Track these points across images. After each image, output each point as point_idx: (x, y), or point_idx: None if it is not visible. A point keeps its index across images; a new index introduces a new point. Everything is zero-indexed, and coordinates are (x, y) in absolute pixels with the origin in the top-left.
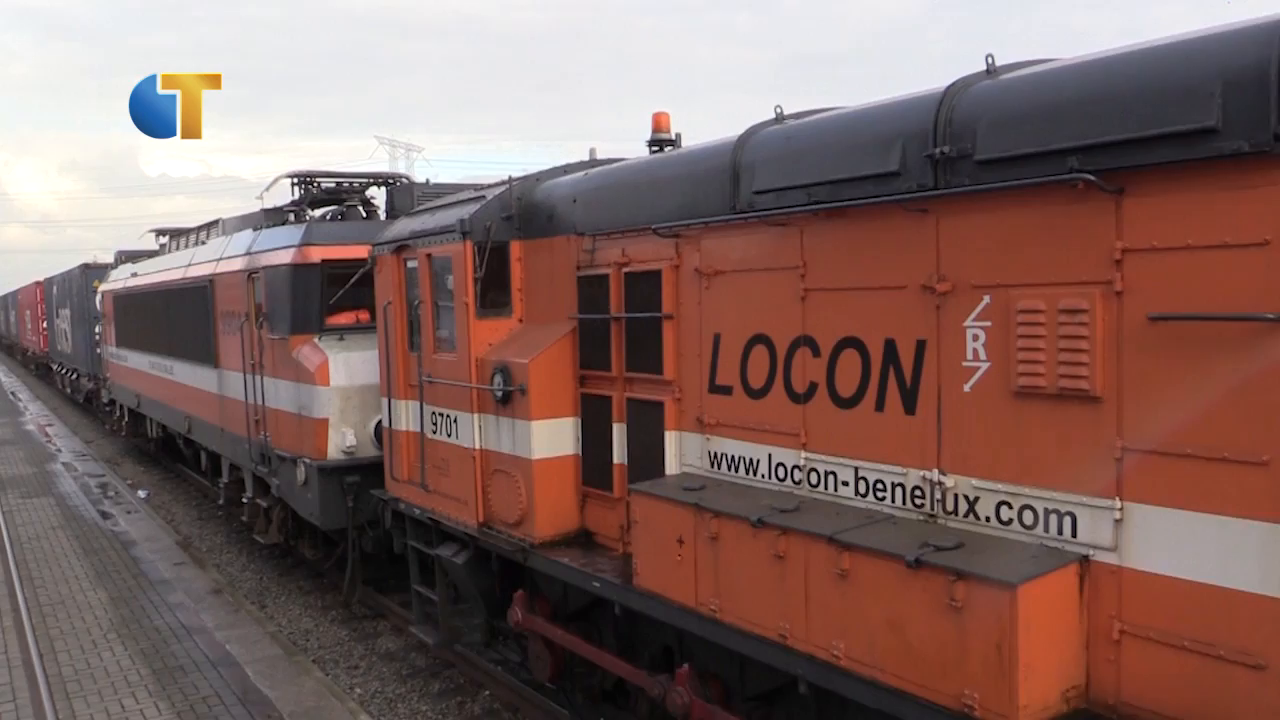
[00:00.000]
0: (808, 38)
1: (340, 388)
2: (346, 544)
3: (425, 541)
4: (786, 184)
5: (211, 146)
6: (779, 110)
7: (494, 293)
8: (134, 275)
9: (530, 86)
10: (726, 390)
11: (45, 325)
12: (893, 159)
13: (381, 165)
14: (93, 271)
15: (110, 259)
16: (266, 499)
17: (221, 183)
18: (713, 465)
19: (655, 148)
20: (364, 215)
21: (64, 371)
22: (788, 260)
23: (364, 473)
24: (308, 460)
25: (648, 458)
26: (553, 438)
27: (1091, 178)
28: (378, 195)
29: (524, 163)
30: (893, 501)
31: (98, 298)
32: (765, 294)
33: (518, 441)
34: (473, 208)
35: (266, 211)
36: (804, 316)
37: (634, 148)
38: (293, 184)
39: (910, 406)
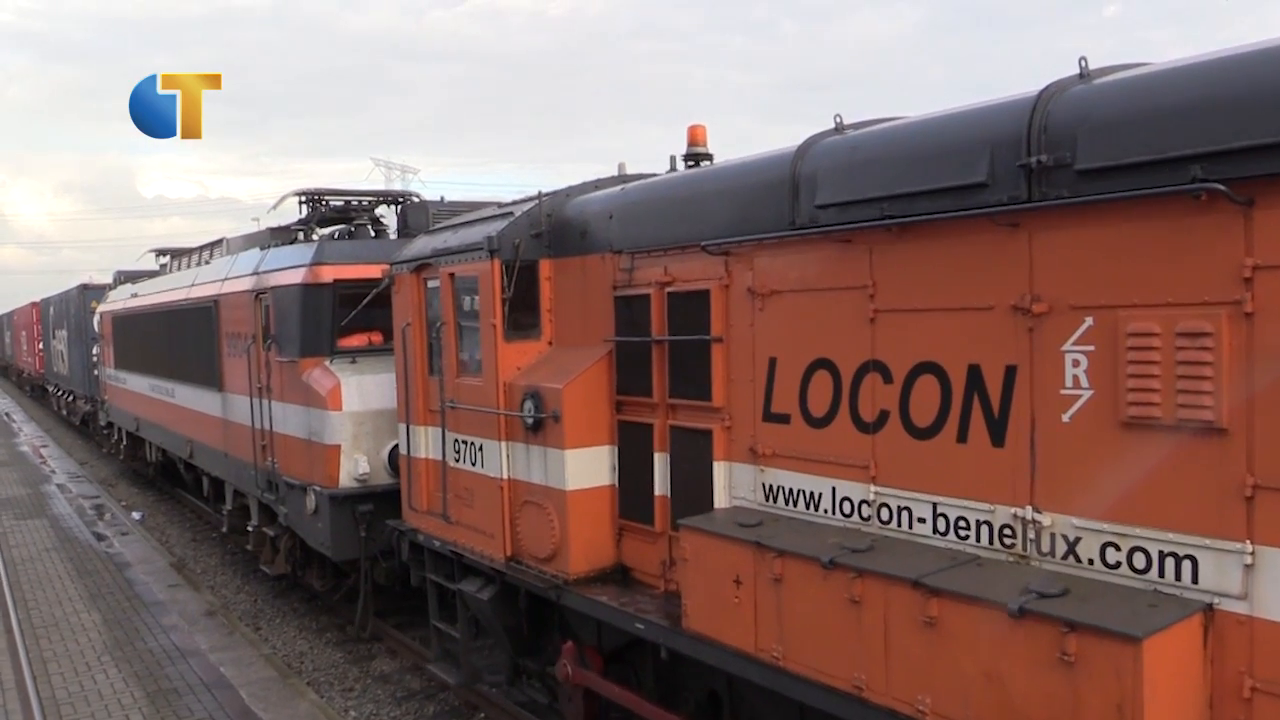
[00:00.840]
0: (804, 62)
1: (353, 413)
2: (358, 575)
3: (446, 575)
4: (853, 197)
5: (208, 168)
6: (839, 120)
7: (522, 314)
8: (134, 296)
9: (527, 110)
10: (783, 419)
11: (41, 346)
12: (979, 169)
13: (380, 186)
14: (91, 292)
15: (107, 279)
16: (273, 527)
17: (218, 204)
18: (767, 499)
19: (690, 162)
20: (372, 234)
21: (60, 393)
22: (854, 279)
23: (377, 501)
24: (318, 488)
25: (693, 490)
26: (588, 467)
27: (1220, 188)
28: (386, 214)
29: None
30: (977, 541)
31: (96, 318)
32: (828, 315)
33: (550, 471)
34: (500, 224)
35: (273, 230)
36: (873, 340)
37: (632, 167)
38: (300, 202)
39: (998, 438)
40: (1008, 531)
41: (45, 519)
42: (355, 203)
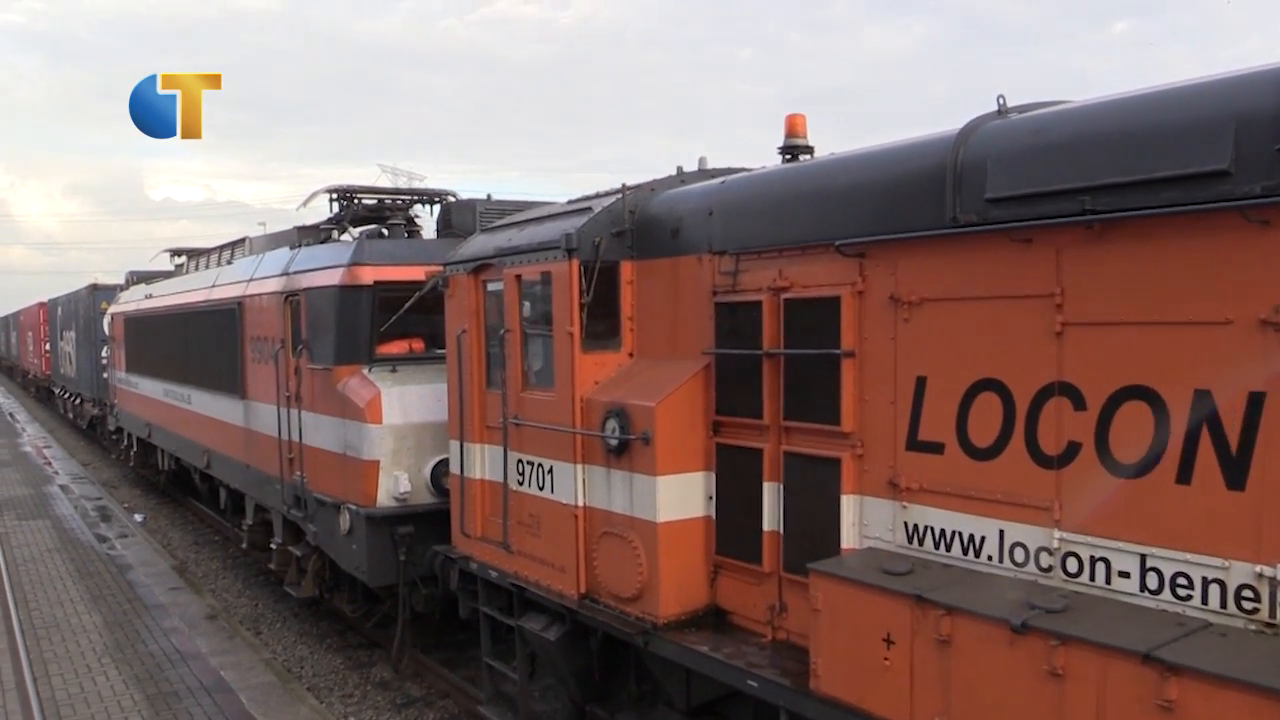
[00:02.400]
0: (812, 75)
1: (394, 426)
2: (396, 602)
3: (501, 608)
4: (1039, 189)
5: (215, 172)
6: (1002, 101)
7: (600, 322)
8: (149, 297)
9: (535, 118)
10: (935, 448)
11: (48, 347)
12: (1219, 154)
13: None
14: (101, 292)
15: (113, 281)
16: (300, 547)
17: (225, 208)
18: (911, 540)
19: (788, 155)
20: (406, 235)
21: (67, 396)
22: (1035, 285)
23: (418, 522)
24: (353, 507)
25: (813, 526)
26: (681, 497)
27: None
28: (421, 214)
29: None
30: (1204, 603)
31: (106, 320)
32: (998, 328)
33: (636, 500)
34: (579, 220)
35: (301, 229)
36: (1060, 357)
37: (638, 176)
38: (331, 200)
39: (1237, 479)
40: (1248, 593)
41: (48, 519)
42: (389, 201)
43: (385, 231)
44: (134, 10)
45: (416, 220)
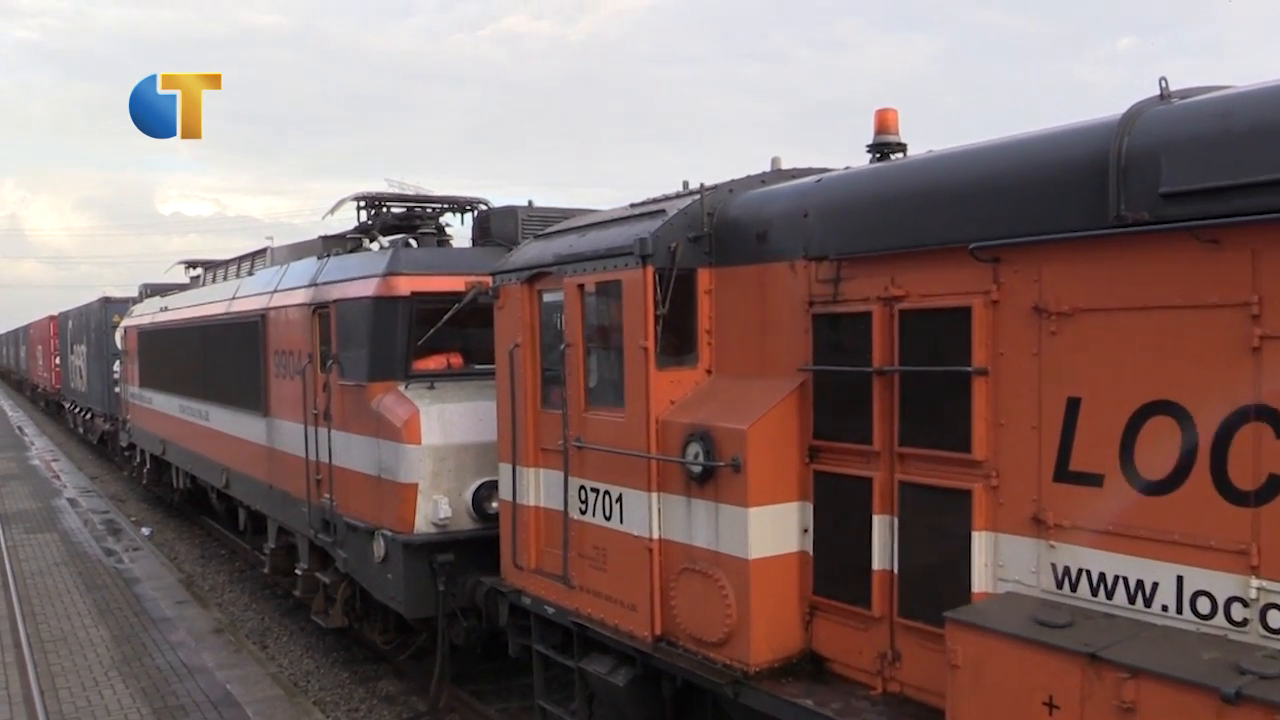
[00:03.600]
0: (818, 91)
1: (434, 447)
2: (433, 634)
3: (556, 646)
4: (1230, 181)
5: (225, 186)
6: (1164, 84)
7: (674, 335)
8: (164, 310)
9: (541, 132)
10: (1091, 479)
11: (58, 361)
12: None
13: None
14: (114, 305)
15: (123, 295)
16: (328, 573)
17: (235, 222)
18: (1060, 584)
19: (877, 154)
20: (436, 245)
21: (77, 410)
22: (1225, 293)
23: (459, 550)
24: (389, 533)
25: (935, 565)
26: (775, 530)
27: None
28: (450, 223)
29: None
30: None
31: (119, 333)
32: (1175, 342)
33: (724, 533)
34: (653, 224)
35: (325, 239)
36: (1258, 377)
37: (644, 192)
38: (358, 208)
39: None
40: None
41: (55, 533)
42: (419, 209)
43: (414, 241)
44: (146, 26)
45: (447, 229)
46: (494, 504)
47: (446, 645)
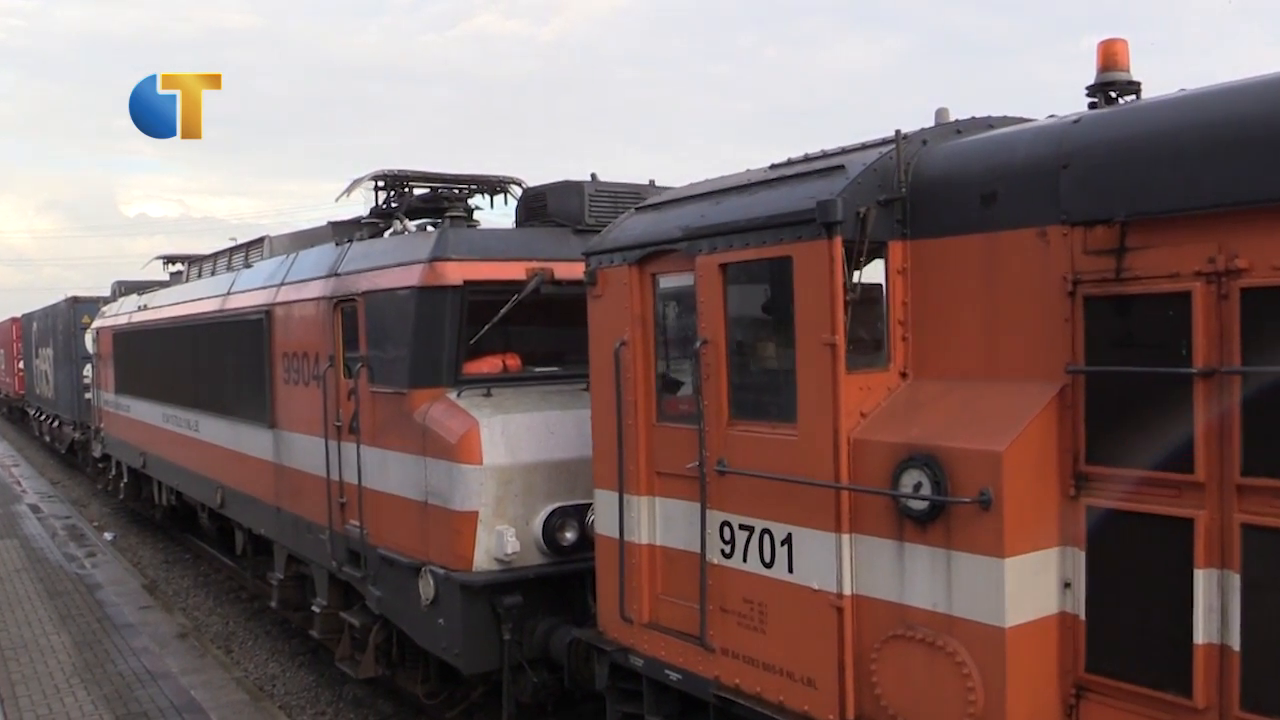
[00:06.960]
0: (786, 90)
1: (497, 467)
2: (493, 689)
3: (668, 716)
4: None
5: (190, 188)
6: None
7: (859, 328)
8: (142, 309)
9: (511, 132)
10: None
11: (21, 365)
12: None
13: (359, 207)
14: (83, 306)
15: (89, 296)
16: (356, 613)
17: (200, 223)
18: None
19: (1099, 97)
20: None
21: (43, 418)
22: None
23: (527, 590)
24: (439, 570)
25: None
26: (1034, 586)
27: None
28: (481, 205)
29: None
30: None
31: (90, 335)
32: None
33: (961, 591)
34: (834, 183)
35: (335, 225)
36: None
37: None
38: (376, 189)
39: None
40: None
41: (15, 539)
42: (445, 190)
43: (439, 225)
44: (112, 27)
45: (475, 213)
46: (569, 534)
47: (512, 705)
